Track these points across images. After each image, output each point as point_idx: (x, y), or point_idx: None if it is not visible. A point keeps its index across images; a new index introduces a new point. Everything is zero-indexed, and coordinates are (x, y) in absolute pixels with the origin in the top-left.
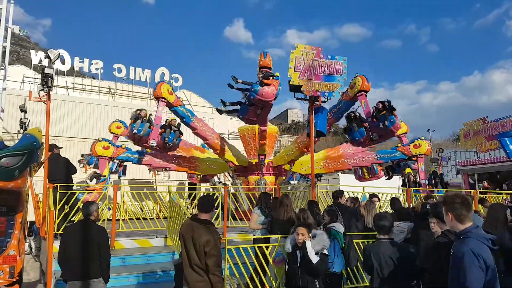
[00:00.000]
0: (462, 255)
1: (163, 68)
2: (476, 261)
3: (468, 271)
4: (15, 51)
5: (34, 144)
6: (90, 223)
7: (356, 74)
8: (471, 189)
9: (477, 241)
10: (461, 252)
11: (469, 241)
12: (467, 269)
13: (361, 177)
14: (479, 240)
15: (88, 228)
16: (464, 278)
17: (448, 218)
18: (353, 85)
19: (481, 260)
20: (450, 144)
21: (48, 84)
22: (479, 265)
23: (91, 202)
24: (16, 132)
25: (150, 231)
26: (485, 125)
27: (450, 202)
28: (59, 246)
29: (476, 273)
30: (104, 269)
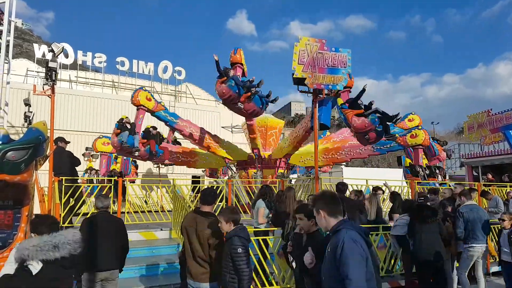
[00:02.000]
0: (342, 245)
1: (166, 61)
2: (357, 249)
3: (351, 260)
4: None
5: (40, 138)
6: (111, 215)
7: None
8: (475, 182)
9: (354, 231)
10: (341, 242)
11: (346, 231)
12: (349, 258)
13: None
14: (355, 230)
15: (111, 219)
16: (346, 268)
17: (321, 216)
18: (415, 136)
19: (361, 248)
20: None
21: (52, 77)
22: (360, 252)
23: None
24: (21, 126)
25: (155, 224)
26: (489, 118)
27: (320, 200)
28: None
29: (358, 261)
30: (123, 259)
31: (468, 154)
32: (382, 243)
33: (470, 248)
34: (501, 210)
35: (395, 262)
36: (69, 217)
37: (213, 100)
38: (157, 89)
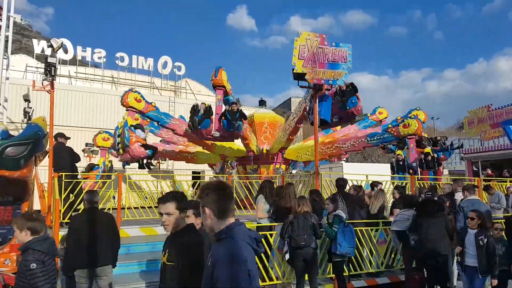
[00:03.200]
0: (220, 262)
1: (165, 56)
2: (239, 270)
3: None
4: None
5: (39, 134)
6: (99, 211)
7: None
8: (474, 177)
9: (243, 243)
10: (225, 257)
11: (234, 243)
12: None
13: None
14: (244, 241)
15: (99, 215)
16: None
17: (206, 215)
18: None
19: (246, 266)
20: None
21: (52, 73)
22: (244, 272)
23: (94, 190)
24: (20, 122)
25: (155, 219)
26: (489, 113)
27: (205, 193)
28: (67, 235)
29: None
30: (115, 255)
31: (468, 149)
32: (382, 238)
33: None
34: (503, 206)
35: (395, 257)
36: (69, 213)
37: (213, 95)
38: (156, 85)
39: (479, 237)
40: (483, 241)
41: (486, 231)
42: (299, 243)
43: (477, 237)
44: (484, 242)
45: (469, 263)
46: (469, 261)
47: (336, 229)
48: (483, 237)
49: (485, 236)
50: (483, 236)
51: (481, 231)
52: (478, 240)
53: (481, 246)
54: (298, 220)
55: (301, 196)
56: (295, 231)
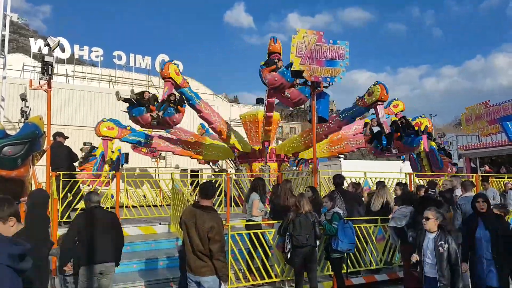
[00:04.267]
0: None
1: (163, 55)
2: None
3: None
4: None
5: (36, 133)
6: (103, 209)
7: (376, 82)
8: (472, 173)
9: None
10: None
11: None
12: None
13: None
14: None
15: (103, 213)
16: None
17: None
18: (371, 93)
19: None
20: (452, 128)
21: (49, 72)
22: None
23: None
24: (17, 121)
25: (153, 218)
26: (487, 109)
27: None
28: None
29: None
30: (119, 253)
31: (466, 145)
32: (381, 235)
33: None
34: (498, 202)
35: (394, 254)
36: (67, 212)
37: (211, 93)
38: (154, 83)
39: (439, 242)
40: (443, 247)
41: (447, 234)
42: (301, 242)
43: (436, 242)
44: (445, 249)
45: (428, 274)
46: (428, 271)
47: (336, 225)
48: (443, 243)
49: (445, 241)
50: (443, 241)
51: (441, 235)
52: (437, 246)
53: (441, 254)
54: (300, 218)
55: (300, 194)
56: (296, 230)
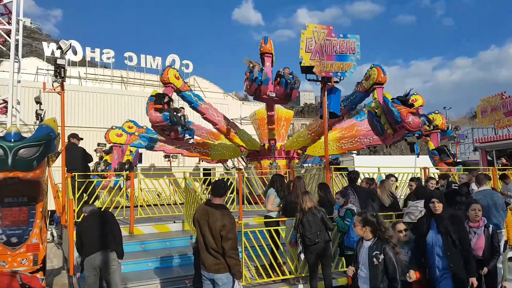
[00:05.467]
0: None
1: (173, 55)
2: None
3: None
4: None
5: (51, 135)
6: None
7: (372, 64)
8: (489, 166)
9: None
10: None
11: None
12: None
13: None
14: None
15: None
16: None
17: None
18: (368, 77)
19: None
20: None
21: (61, 75)
22: None
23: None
24: (33, 124)
25: (167, 217)
26: (503, 101)
27: None
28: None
29: None
30: (118, 244)
31: (482, 138)
32: None
33: None
34: None
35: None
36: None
37: (221, 92)
38: None
39: (373, 252)
40: (377, 259)
41: (384, 243)
42: (314, 240)
43: (370, 252)
44: (380, 260)
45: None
46: (363, 286)
47: (348, 222)
48: (378, 253)
49: (381, 251)
50: (379, 252)
51: (376, 244)
52: (371, 257)
53: (376, 267)
54: (308, 218)
55: (304, 191)
56: (307, 229)
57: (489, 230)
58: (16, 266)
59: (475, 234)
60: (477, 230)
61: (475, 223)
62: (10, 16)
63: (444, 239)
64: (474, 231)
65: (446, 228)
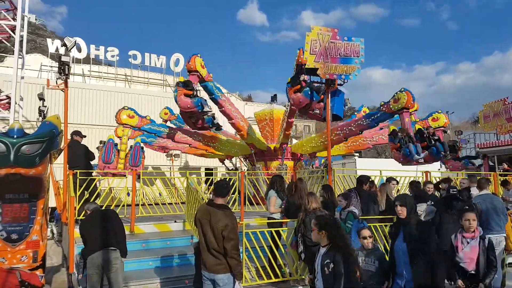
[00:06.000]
0: None
1: (178, 54)
2: None
3: None
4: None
5: (54, 132)
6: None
7: (402, 88)
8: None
9: None
10: None
11: None
12: None
13: None
14: None
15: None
16: None
17: None
18: (397, 100)
19: None
20: (469, 126)
21: (66, 72)
22: None
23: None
24: (35, 120)
25: (169, 216)
26: (505, 106)
27: None
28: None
29: None
30: (121, 243)
31: (484, 143)
32: None
33: None
34: None
35: None
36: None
37: (225, 92)
38: (169, 82)
39: (325, 260)
40: (328, 268)
41: (337, 251)
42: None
43: (323, 259)
44: (330, 270)
45: None
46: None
47: (350, 225)
48: (329, 261)
49: (332, 259)
50: (329, 260)
51: (330, 251)
52: (323, 265)
53: (327, 276)
54: (310, 218)
55: (310, 192)
56: (308, 230)
57: (485, 242)
58: (15, 262)
59: (467, 244)
60: (471, 241)
61: (470, 233)
62: (15, 12)
63: (410, 246)
64: (467, 241)
65: (412, 235)
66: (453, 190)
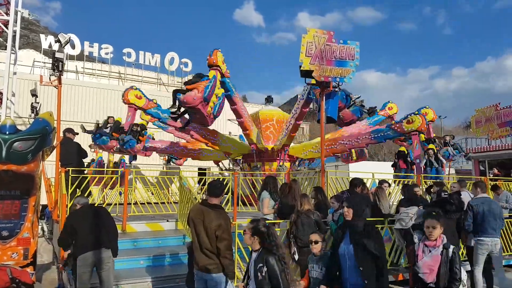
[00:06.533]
0: None
1: (172, 53)
2: None
3: None
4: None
5: (47, 129)
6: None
7: (416, 111)
8: (481, 176)
9: None
10: None
11: None
12: None
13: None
14: None
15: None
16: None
17: None
18: (411, 121)
19: None
20: (461, 130)
21: (59, 68)
22: None
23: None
24: (27, 117)
25: (161, 215)
26: (497, 112)
27: None
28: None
29: None
30: (114, 243)
31: (475, 148)
32: (387, 236)
33: (479, 241)
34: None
35: (400, 255)
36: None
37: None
38: (163, 81)
39: (258, 265)
40: (261, 272)
41: (269, 254)
42: (306, 242)
43: (255, 265)
44: (264, 274)
45: None
46: None
47: None
48: (261, 265)
49: (264, 262)
50: (262, 264)
51: (261, 255)
52: (256, 270)
53: (260, 282)
54: (302, 219)
55: (303, 194)
56: (300, 230)
57: (449, 252)
58: (6, 259)
59: (429, 253)
60: (433, 250)
61: (431, 241)
62: (9, 7)
63: (357, 250)
64: (429, 250)
65: (359, 238)
66: (444, 194)
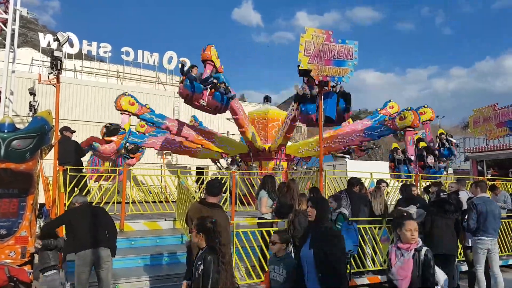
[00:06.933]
0: None
1: (171, 52)
2: None
3: None
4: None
5: (45, 127)
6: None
7: (409, 107)
8: (479, 176)
9: None
10: None
11: None
12: None
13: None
14: None
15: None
16: None
17: None
18: (403, 118)
19: None
20: (459, 130)
21: (58, 67)
22: None
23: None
24: (26, 115)
25: (158, 214)
26: (495, 112)
27: None
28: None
29: None
30: (113, 242)
31: (473, 148)
32: (386, 236)
33: (479, 240)
34: (510, 206)
35: None
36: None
37: None
38: (162, 80)
39: (198, 262)
40: (198, 270)
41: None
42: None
43: (196, 262)
44: (200, 272)
45: None
46: None
47: (339, 226)
48: (200, 263)
49: (202, 261)
50: (201, 261)
51: (203, 253)
52: (195, 268)
53: (197, 280)
54: (299, 218)
55: (301, 193)
56: (297, 230)
57: (421, 255)
58: (3, 258)
59: (401, 257)
60: (405, 253)
61: (405, 244)
62: (7, 5)
63: (316, 255)
64: (401, 253)
65: (319, 242)
66: (443, 194)
